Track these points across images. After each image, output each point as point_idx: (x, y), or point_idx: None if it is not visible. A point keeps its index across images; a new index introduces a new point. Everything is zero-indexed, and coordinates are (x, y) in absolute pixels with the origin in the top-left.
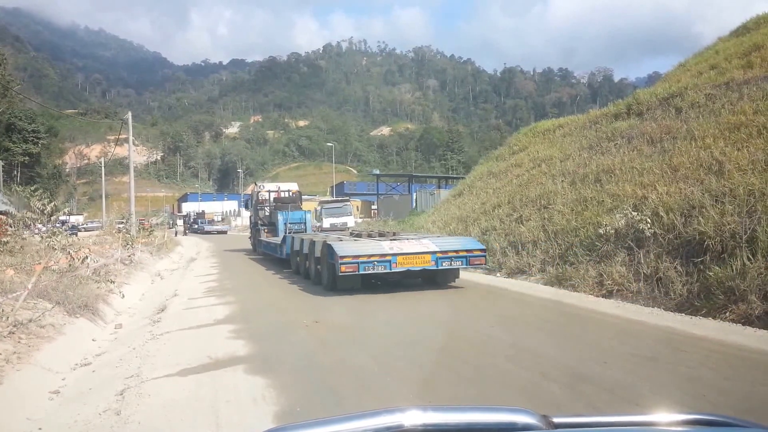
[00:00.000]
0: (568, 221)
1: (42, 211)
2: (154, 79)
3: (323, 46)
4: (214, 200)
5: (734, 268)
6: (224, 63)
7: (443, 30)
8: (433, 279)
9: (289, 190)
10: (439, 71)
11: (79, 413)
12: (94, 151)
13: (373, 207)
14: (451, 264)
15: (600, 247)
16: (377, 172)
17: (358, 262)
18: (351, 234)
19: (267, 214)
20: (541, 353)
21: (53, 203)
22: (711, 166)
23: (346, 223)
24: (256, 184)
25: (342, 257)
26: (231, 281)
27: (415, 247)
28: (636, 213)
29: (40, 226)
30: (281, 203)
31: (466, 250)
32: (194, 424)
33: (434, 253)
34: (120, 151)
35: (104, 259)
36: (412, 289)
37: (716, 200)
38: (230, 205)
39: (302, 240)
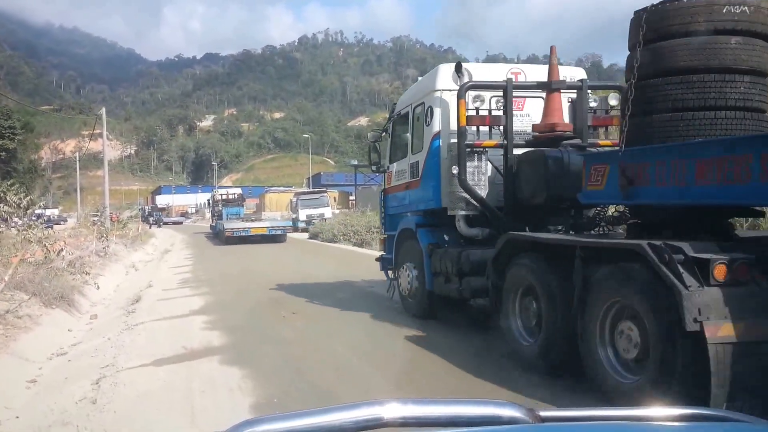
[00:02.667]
0: None
1: (18, 205)
2: (128, 75)
3: (299, 39)
4: (188, 192)
5: None
6: (198, 57)
7: (422, 19)
8: (272, 239)
9: (234, 194)
10: (419, 60)
11: (56, 402)
12: (69, 146)
13: (351, 198)
14: (276, 231)
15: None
16: (355, 162)
17: (233, 231)
18: (242, 220)
19: (219, 209)
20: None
21: (29, 197)
22: None
23: (323, 214)
24: (213, 189)
25: (226, 229)
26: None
27: (259, 225)
28: None
29: (16, 219)
30: (227, 202)
31: (282, 226)
32: (169, 413)
33: (268, 227)
34: (94, 146)
35: (79, 252)
36: (263, 243)
37: None
38: (205, 197)
39: (221, 224)
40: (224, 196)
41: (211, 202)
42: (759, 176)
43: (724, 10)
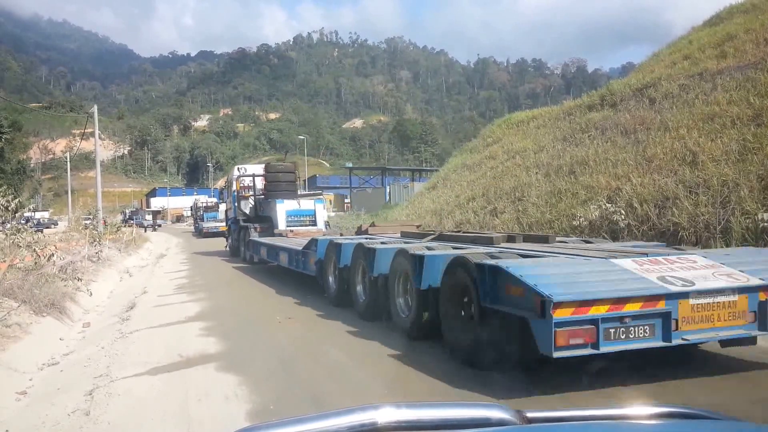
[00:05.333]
0: (543, 213)
1: (6, 207)
2: (121, 71)
3: (294, 38)
4: (183, 195)
5: None
6: (192, 54)
7: (415, 20)
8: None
9: (212, 202)
10: (412, 62)
11: (48, 414)
12: (59, 146)
13: (346, 200)
14: None
15: None
16: (350, 165)
17: (208, 228)
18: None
19: (201, 213)
20: None
21: (18, 199)
22: (685, 157)
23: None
24: (195, 200)
25: (204, 227)
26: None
27: (225, 224)
28: (610, 204)
29: (4, 222)
30: (207, 209)
31: None
32: (165, 423)
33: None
34: (86, 146)
35: (71, 257)
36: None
37: (690, 191)
38: (202, 199)
39: (201, 224)
40: (204, 204)
41: (193, 208)
42: (272, 209)
43: (278, 165)
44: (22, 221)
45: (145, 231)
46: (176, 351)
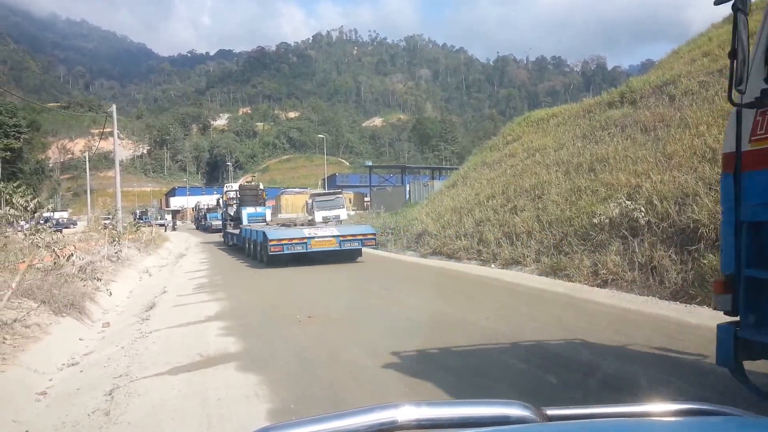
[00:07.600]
0: (563, 211)
1: (25, 207)
2: (139, 70)
3: (313, 36)
4: (203, 194)
5: None
6: (211, 53)
7: (434, 18)
8: None
9: (213, 204)
10: (432, 60)
11: (68, 414)
12: (78, 146)
13: (366, 199)
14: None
15: (594, 236)
16: (370, 163)
17: (213, 226)
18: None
19: (204, 213)
20: None
21: (36, 199)
22: (705, 154)
23: (339, 216)
24: (198, 202)
25: (212, 225)
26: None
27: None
28: (630, 202)
29: (23, 223)
30: (209, 210)
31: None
32: (185, 423)
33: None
34: (105, 145)
35: (90, 257)
36: None
37: (710, 188)
38: (201, 202)
39: (206, 222)
40: (206, 206)
41: (196, 209)
42: (241, 213)
43: (247, 185)
44: (41, 221)
45: (165, 230)
46: (196, 350)
